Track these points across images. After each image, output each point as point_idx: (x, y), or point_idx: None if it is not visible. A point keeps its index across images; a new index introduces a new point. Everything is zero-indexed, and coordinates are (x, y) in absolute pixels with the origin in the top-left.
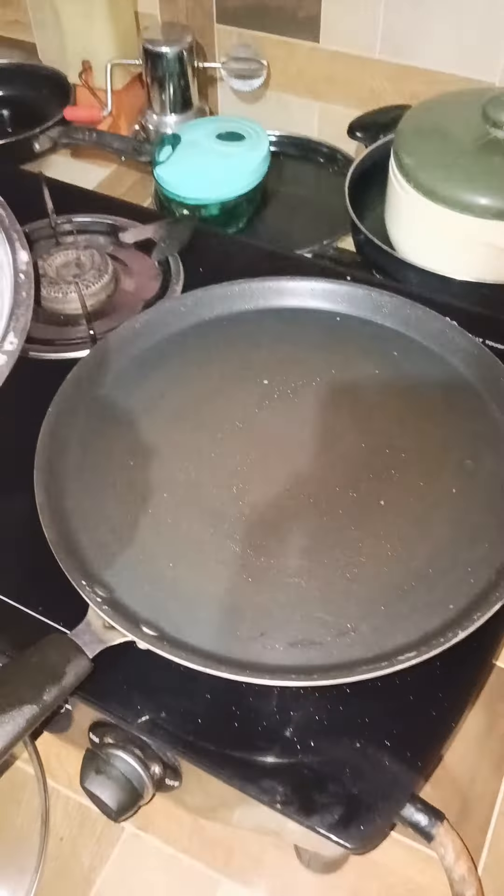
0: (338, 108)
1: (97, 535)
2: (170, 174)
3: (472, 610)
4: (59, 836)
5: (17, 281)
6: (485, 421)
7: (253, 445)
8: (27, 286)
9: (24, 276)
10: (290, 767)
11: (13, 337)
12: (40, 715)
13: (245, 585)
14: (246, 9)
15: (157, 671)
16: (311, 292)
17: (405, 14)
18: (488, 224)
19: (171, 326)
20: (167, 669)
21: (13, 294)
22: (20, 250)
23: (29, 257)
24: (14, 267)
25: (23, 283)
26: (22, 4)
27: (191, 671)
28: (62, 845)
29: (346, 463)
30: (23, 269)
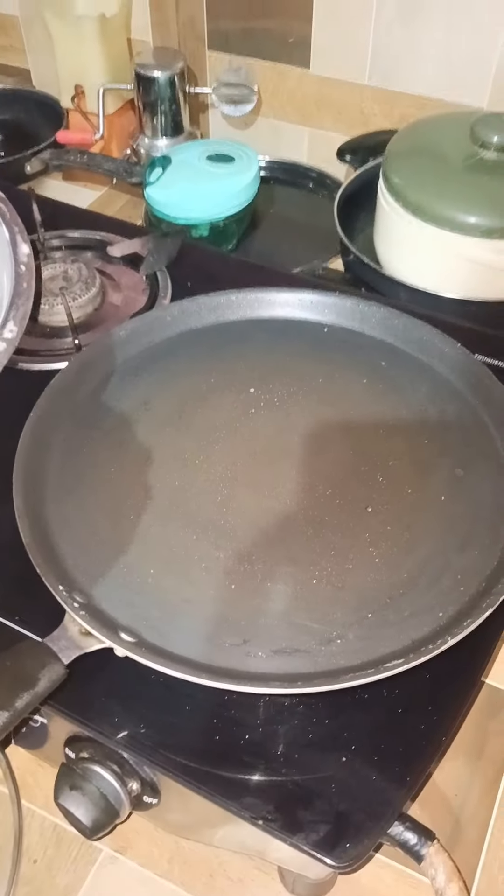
0: (327, 132)
1: (77, 541)
2: (160, 195)
3: (461, 617)
4: (33, 858)
5: (18, 272)
6: (473, 429)
7: (238, 453)
8: (28, 277)
9: (24, 267)
10: (274, 783)
11: (13, 325)
12: (11, 721)
13: (229, 592)
14: (237, 34)
15: (136, 683)
16: (299, 303)
17: (394, 40)
18: (476, 242)
19: (156, 335)
20: (147, 681)
21: (14, 285)
22: (21, 243)
23: (29, 250)
24: (15, 259)
25: (23, 274)
26: (16, 30)
27: (171, 683)
28: (36, 868)
29: (332, 471)
30: (23, 262)
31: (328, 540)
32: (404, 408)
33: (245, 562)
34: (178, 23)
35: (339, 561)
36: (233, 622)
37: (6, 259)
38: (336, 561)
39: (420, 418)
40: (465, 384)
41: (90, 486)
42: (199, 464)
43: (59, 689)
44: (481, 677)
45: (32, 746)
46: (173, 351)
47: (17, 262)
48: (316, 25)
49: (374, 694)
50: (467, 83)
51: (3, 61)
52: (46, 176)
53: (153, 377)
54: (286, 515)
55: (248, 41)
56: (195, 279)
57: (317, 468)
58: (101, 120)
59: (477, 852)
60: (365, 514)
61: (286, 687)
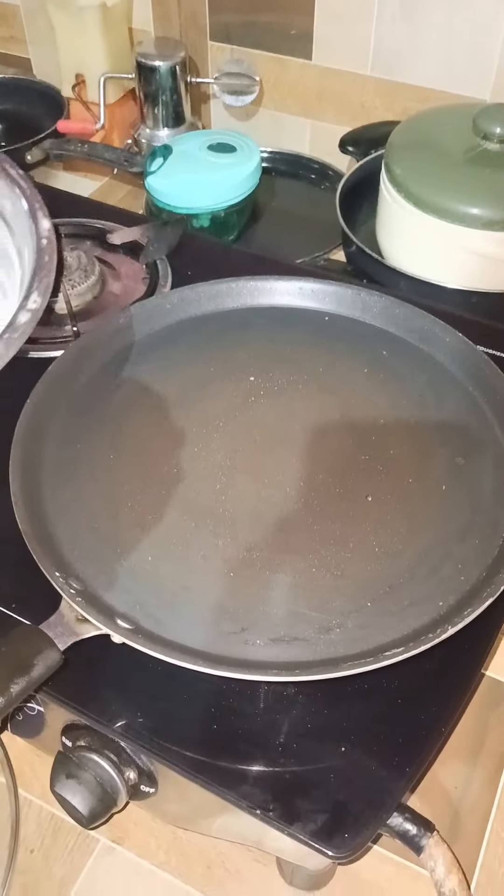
0: (329, 124)
1: (74, 528)
2: (161, 184)
3: (462, 607)
4: (30, 848)
5: (40, 246)
6: (474, 418)
7: (238, 441)
8: (49, 251)
9: (46, 241)
10: (272, 772)
11: (37, 296)
12: (6, 707)
13: (227, 580)
14: (239, 26)
15: (134, 671)
16: (300, 292)
17: (396, 31)
18: (478, 233)
19: (156, 323)
20: (145, 670)
21: (36, 258)
22: (42, 218)
23: (50, 224)
24: (37, 233)
25: (45, 247)
26: (17, 20)
27: (169, 671)
28: (33, 858)
29: (332, 459)
30: (45, 236)
31: (328, 529)
32: (405, 397)
33: (244, 550)
34: (179, 14)
35: (338, 549)
36: (231, 610)
37: (28, 233)
38: (336, 549)
39: (420, 407)
40: (465, 374)
41: (88, 473)
42: (198, 451)
43: (56, 677)
44: (481, 668)
45: (29, 735)
46: (173, 339)
47: (39, 237)
48: (318, 18)
49: (374, 684)
50: (469, 75)
51: (4, 51)
52: (47, 166)
53: (152, 365)
54: (286, 504)
55: (250, 33)
56: (195, 269)
57: (317, 457)
58: (103, 110)
59: (477, 845)
60: (365, 503)
61: (284, 675)
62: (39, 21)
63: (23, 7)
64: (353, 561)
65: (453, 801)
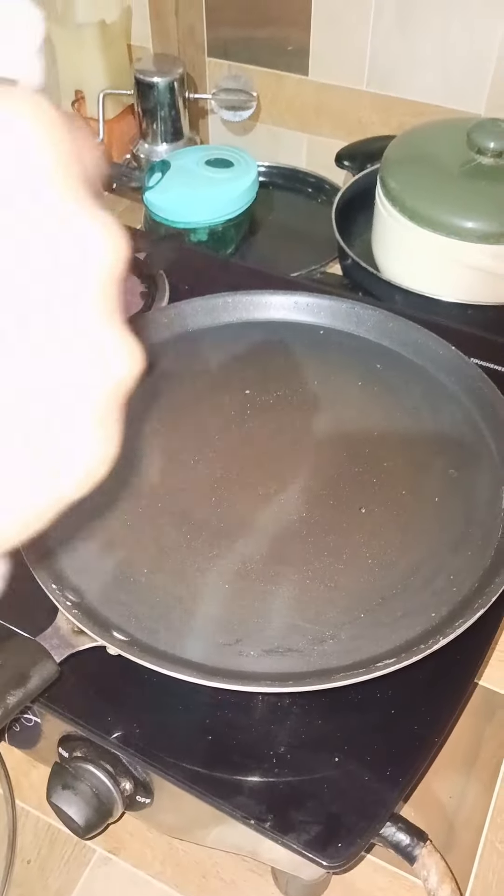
0: (326, 139)
1: (70, 540)
2: (159, 199)
3: (454, 617)
4: (27, 858)
5: None
6: (468, 431)
7: (233, 454)
8: None
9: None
10: (267, 783)
11: None
12: (3, 718)
13: (222, 592)
14: (236, 42)
15: (129, 683)
16: (295, 306)
17: (392, 47)
18: (473, 247)
19: (153, 337)
20: (140, 681)
21: None
22: None
23: None
24: None
25: None
26: None
27: (164, 682)
28: (29, 868)
29: (326, 471)
30: None
31: (322, 540)
32: (399, 410)
33: (238, 562)
34: (177, 30)
35: (332, 561)
36: (226, 622)
37: None
38: (329, 561)
39: (414, 420)
40: (459, 386)
41: None
42: (193, 464)
43: (53, 689)
44: (475, 678)
45: (26, 746)
46: (169, 353)
47: None
48: (314, 34)
49: (368, 695)
50: (464, 90)
51: None
52: None
53: (149, 379)
54: (280, 516)
55: (247, 49)
56: (193, 283)
57: (311, 470)
58: (101, 125)
59: (471, 856)
60: (359, 515)
61: (278, 686)
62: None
63: None
64: (347, 572)
65: (448, 812)
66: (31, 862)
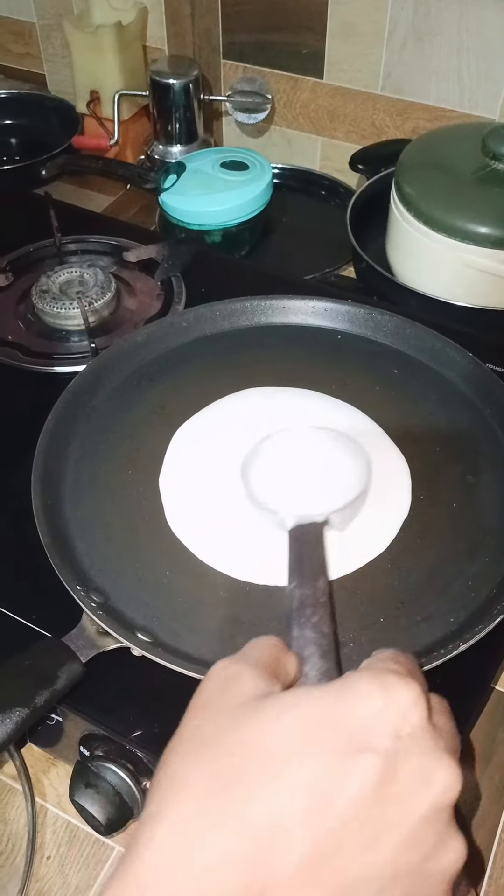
0: (340, 142)
1: (94, 541)
2: (174, 201)
3: (473, 623)
4: (46, 854)
5: None
6: (484, 437)
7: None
8: None
9: None
10: None
11: None
12: (31, 718)
13: (243, 594)
14: (252, 45)
15: (151, 683)
16: (313, 311)
17: (407, 51)
18: (487, 252)
19: (172, 341)
20: (162, 681)
21: None
22: None
23: None
24: None
25: None
26: (33, 38)
27: (185, 683)
28: (49, 865)
29: None
30: None
31: None
32: (416, 415)
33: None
34: (193, 34)
35: None
36: (246, 623)
37: None
38: None
39: (431, 426)
40: (476, 393)
41: (107, 488)
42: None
43: (75, 688)
44: (492, 683)
45: (47, 744)
46: (188, 356)
47: None
48: (330, 38)
49: None
50: (479, 95)
51: (20, 67)
52: (61, 181)
53: (168, 382)
54: None
55: (263, 52)
56: (209, 285)
57: None
58: (117, 126)
59: (485, 859)
60: None
61: None
62: (55, 38)
63: (39, 24)
64: (366, 577)
65: (462, 814)
66: (52, 858)
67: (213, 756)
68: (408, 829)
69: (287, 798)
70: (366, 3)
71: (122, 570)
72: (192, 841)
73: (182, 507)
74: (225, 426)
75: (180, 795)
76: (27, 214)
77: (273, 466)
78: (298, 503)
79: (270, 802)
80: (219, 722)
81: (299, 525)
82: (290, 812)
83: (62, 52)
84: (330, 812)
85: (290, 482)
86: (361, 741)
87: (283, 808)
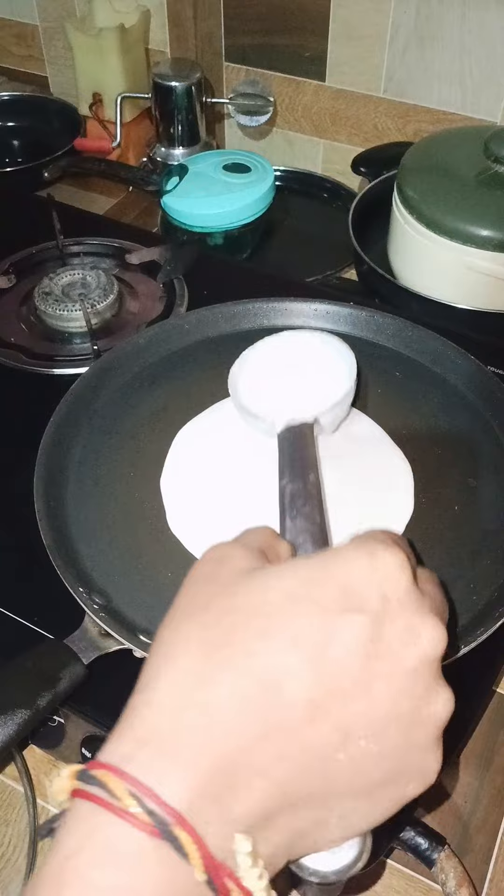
0: (342, 144)
1: (96, 543)
2: (176, 203)
3: (475, 626)
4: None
5: None
6: (486, 440)
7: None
8: None
9: None
10: None
11: None
12: (33, 720)
13: None
14: (254, 47)
15: None
16: (315, 313)
17: (409, 54)
18: (489, 255)
19: (174, 343)
20: None
21: None
22: None
23: None
24: None
25: None
26: (36, 40)
27: None
28: None
29: None
30: None
31: None
32: (418, 418)
33: None
34: (196, 37)
35: None
36: None
37: None
38: None
39: (433, 429)
40: (477, 396)
41: (109, 490)
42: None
43: (77, 690)
44: (493, 686)
45: (49, 746)
46: (190, 358)
47: None
48: (332, 41)
49: None
50: (481, 98)
51: (23, 69)
52: (64, 183)
53: (171, 384)
54: None
55: (265, 55)
56: (211, 287)
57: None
58: (119, 128)
59: (486, 860)
60: None
61: None
62: (57, 41)
63: (41, 27)
64: None
65: (463, 816)
66: None
67: (206, 621)
68: (398, 680)
69: (282, 649)
70: (368, 5)
71: (125, 571)
72: (191, 695)
73: (183, 508)
74: (226, 428)
75: (177, 659)
76: (29, 216)
77: (259, 374)
78: (286, 408)
79: (267, 653)
80: (211, 590)
81: (288, 428)
82: (287, 661)
83: (65, 54)
84: (325, 660)
85: (277, 388)
86: (350, 601)
87: (279, 656)
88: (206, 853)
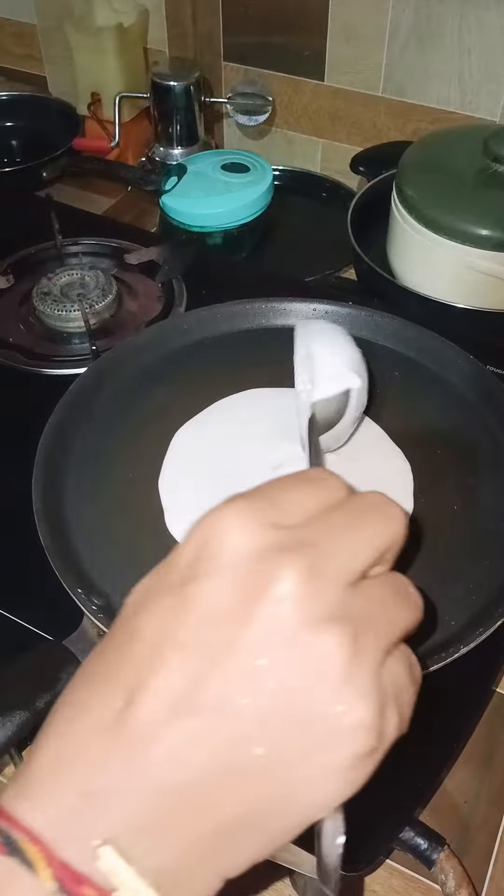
0: (341, 144)
1: (94, 544)
2: (175, 203)
3: (474, 626)
4: None
5: None
6: (486, 439)
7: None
8: None
9: None
10: None
11: None
12: (31, 721)
13: None
14: (253, 47)
15: None
16: (314, 313)
17: (409, 53)
18: (488, 254)
19: (173, 343)
20: None
21: None
22: None
23: None
24: None
25: None
26: (34, 40)
27: None
28: None
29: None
30: None
31: None
32: (417, 418)
33: None
34: (194, 36)
35: None
36: None
37: None
38: None
39: (433, 428)
40: (476, 395)
41: (108, 490)
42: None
43: None
44: (493, 685)
45: None
46: (189, 358)
47: None
48: (331, 40)
49: None
50: (481, 97)
51: (22, 69)
52: (62, 183)
53: (170, 384)
54: None
55: (264, 54)
56: (210, 287)
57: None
58: (118, 128)
59: (486, 860)
60: None
61: None
62: (56, 40)
63: (40, 26)
64: None
65: (463, 816)
66: None
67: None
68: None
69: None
70: (367, 5)
71: (123, 572)
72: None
73: (182, 509)
74: (225, 428)
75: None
76: (28, 216)
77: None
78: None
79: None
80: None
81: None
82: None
83: (63, 54)
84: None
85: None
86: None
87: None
88: (58, 864)
